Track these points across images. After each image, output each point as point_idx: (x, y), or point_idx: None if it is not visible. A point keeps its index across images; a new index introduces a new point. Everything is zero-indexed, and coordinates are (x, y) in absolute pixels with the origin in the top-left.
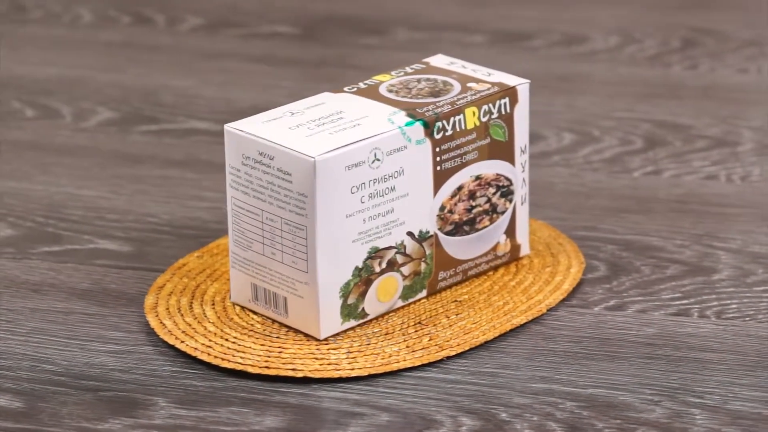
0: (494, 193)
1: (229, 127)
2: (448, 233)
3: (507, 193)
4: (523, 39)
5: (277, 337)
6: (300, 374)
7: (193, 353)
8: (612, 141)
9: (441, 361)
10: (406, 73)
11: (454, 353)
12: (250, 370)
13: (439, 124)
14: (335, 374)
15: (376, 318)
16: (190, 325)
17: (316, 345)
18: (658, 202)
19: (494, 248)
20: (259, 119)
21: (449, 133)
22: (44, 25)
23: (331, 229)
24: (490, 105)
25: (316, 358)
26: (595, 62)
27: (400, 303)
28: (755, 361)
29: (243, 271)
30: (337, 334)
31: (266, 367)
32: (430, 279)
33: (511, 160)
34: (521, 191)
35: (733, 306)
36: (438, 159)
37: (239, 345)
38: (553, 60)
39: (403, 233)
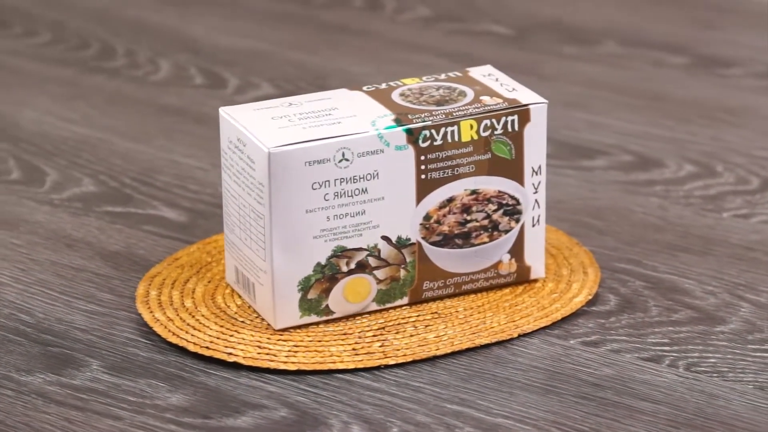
0: (495, 210)
1: (222, 110)
2: (435, 244)
3: (513, 212)
4: (722, 66)
5: (241, 322)
6: (232, 359)
7: (151, 323)
8: (729, 178)
9: (378, 368)
10: (437, 79)
11: (393, 363)
12: (190, 348)
13: (426, 132)
14: (266, 364)
15: (345, 318)
16: (170, 299)
17: (270, 334)
18: (724, 246)
19: (496, 266)
20: (254, 107)
21: (438, 143)
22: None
23: (287, 221)
24: (494, 120)
25: (260, 347)
26: None
27: (374, 306)
28: (687, 419)
29: (230, 254)
30: (301, 327)
31: (206, 348)
32: (412, 287)
33: (518, 179)
34: (532, 212)
35: (712, 360)
36: (423, 167)
37: (200, 324)
38: (738, 90)
39: (376, 236)
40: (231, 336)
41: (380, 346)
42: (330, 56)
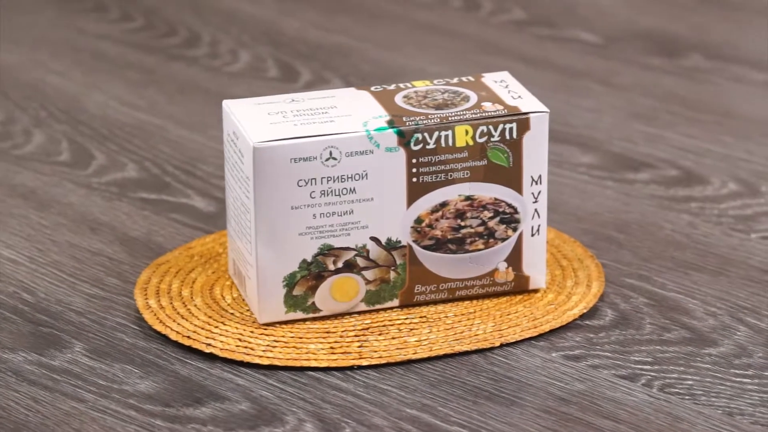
0: (491, 218)
1: (225, 103)
2: (426, 247)
3: (510, 221)
4: None
5: (231, 314)
6: (209, 350)
7: (142, 310)
8: None
9: (351, 368)
10: (448, 83)
11: (366, 364)
12: (172, 336)
13: (418, 135)
14: (241, 357)
15: (333, 316)
16: (170, 287)
17: (255, 328)
18: (740, 268)
19: (492, 274)
20: (257, 101)
21: (431, 147)
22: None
23: (272, 216)
24: (490, 127)
25: (240, 340)
26: None
27: (363, 307)
28: None
29: (230, 246)
30: (287, 323)
31: (188, 337)
32: (402, 290)
33: (516, 187)
34: (531, 222)
35: (689, 382)
36: (415, 170)
37: (189, 313)
38: None
39: (365, 237)
40: (215, 327)
41: (359, 347)
42: (412, 55)
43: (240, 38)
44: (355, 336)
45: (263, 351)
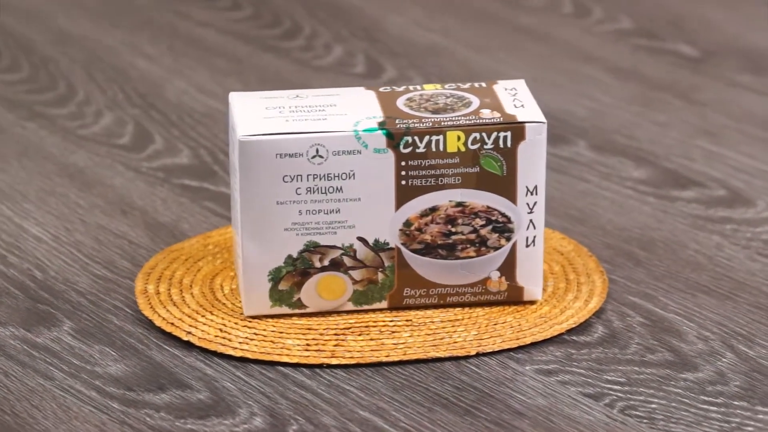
0: (484, 226)
1: (231, 95)
2: (416, 251)
3: (503, 230)
4: None
5: (223, 304)
6: (187, 338)
7: (138, 295)
8: None
9: (320, 366)
10: (458, 88)
11: (335, 363)
12: (157, 322)
13: (407, 138)
14: (215, 347)
15: (319, 314)
16: (173, 274)
17: (239, 320)
18: (751, 294)
19: (484, 283)
20: (263, 95)
21: (421, 150)
22: None
23: (256, 210)
24: (484, 134)
25: (221, 330)
26: None
27: (351, 306)
28: None
29: (233, 237)
30: (274, 317)
31: (171, 324)
32: (391, 292)
33: (510, 197)
34: (526, 233)
35: (653, 406)
36: (404, 173)
37: (182, 301)
38: None
39: (352, 237)
40: (202, 317)
41: (334, 345)
42: (500, 58)
43: (339, 32)
44: (335, 335)
45: (239, 343)
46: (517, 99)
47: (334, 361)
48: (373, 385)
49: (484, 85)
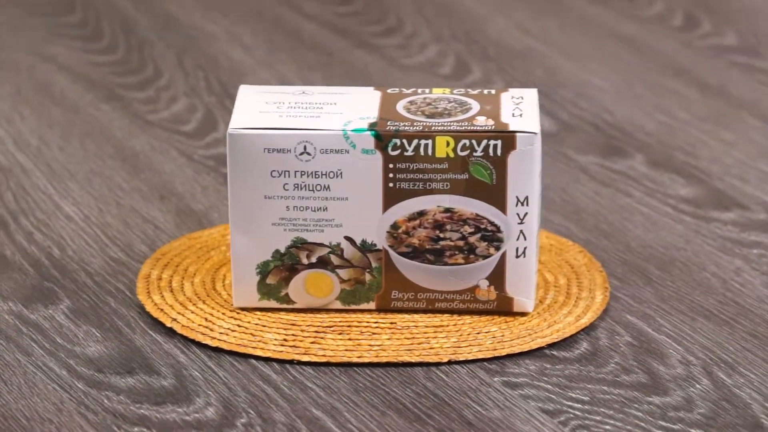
0: (472, 233)
1: (242, 88)
2: (403, 254)
3: (493, 239)
4: None
5: (218, 294)
6: (170, 324)
7: (139, 279)
8: None
9: (291, 361)
10: (466, 93)
11: (306, 360)
12: (147, 307)
13: (396, 141)
14: (194, 336)
15: (307, 310)
16: (180, 261)
17: (226, 311)
18: (753, 322)
19: (473, 291)
20: (270, 89)
21: (409, 154)
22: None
23: (245, 203)
24: (473, 141)
25: (206, 320)
26: None
27: (339, 305)
28: None
29: None
30: (263, 310)
31: (160, 310)
32: (379, 293)
33: (500, 206)
34: (517, 243)
35: (607, 427)
36: (391, 176)
37: (180, 288)
38: None
39: (339, 236)
40: (193, 305)
41: (311, 343)
42: (589, 67)
43: (440, 32)
44: (315, 332)
45: (219, 333)
46: (518, 108)
47: (305, 358)
48: (336, 384)
49: (493, 92)
